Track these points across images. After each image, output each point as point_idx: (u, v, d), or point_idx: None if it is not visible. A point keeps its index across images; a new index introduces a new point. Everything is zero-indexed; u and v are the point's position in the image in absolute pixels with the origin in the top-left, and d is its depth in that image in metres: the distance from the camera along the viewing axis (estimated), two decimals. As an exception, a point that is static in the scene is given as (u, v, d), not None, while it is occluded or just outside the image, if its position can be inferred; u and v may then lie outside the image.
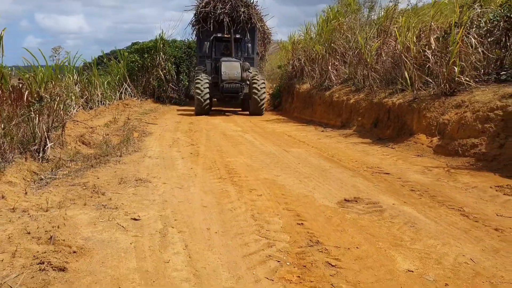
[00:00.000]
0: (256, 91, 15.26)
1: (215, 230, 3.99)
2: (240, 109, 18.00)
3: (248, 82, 15.67)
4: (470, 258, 3.43)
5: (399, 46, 9.82)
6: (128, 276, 3.07)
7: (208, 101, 14.96)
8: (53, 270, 3.02)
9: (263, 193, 5.12)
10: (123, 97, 17.45)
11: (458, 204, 4.69)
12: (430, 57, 8.59)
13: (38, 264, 3.05)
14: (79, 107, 12.01)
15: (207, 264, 3.30)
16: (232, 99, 16.05)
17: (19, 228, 3.65)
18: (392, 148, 8.19)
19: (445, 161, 6.74)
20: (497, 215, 4.38)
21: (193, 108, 15.81)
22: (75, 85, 13.26)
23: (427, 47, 8.78)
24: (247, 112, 16.67)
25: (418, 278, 3.10)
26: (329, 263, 3.32)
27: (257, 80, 15.39)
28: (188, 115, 15.33)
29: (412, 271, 3.20)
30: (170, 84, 20.69)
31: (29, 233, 3.55)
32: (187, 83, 22.82)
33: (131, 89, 18.73)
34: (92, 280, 2.99)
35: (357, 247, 3.62)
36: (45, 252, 3.24)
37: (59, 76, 8.40)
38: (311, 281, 3.06)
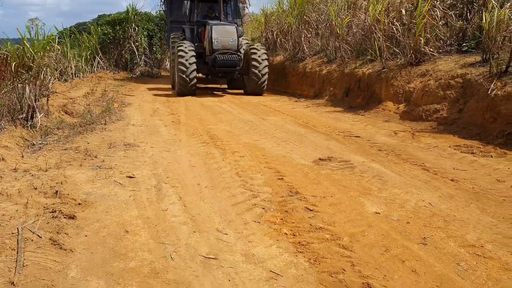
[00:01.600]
0: (256, 64, 12.21)
1: (205, 185, 4.41)
2: (226, 86, 14.94)
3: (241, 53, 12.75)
4: (428, 202, 3.97)
5: (369, 19, 10.27)
6: (131, 222, 3.47)
7: (195, 79, 11.97)
8: (64, 217, 3.39)
9: (245, 155, 5.55)
10: (95, 70, 17.43)
11: (420, 161, 5.25)
12: (399, 29, 9.09)
13: (50, 212, 3.41)
14: (54, 79, 12.06)
15: (201, 212, 3.73)
16: (226, 75, 12.85)
17: (25, 184, 3.98)
18: (362, 115, 8.73)
19: (410, 126, 7.32)
20: (453, 168, 4.96)
21: (169, 82, 14.91)
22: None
23: (395, 19, 9.27)
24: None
25: (384, 218, 3.62)
26: (308, 208, 3.80)
27: (257, 49, 12.41)
28: (165, 89, 15.28)
29: (379, 213, 3.72)
30: (143, 57, 20.69)
31: (35, 188, 3.89)
32: (159, 56, 22.80)
33: (103, 62, 18.68)
34: (100, 225, 3.38)
35: (331, 196, 4.11)
36: (53, 204, 3.60)
37: (47, 47, 8.50)
38: (293, 222, 3.53)
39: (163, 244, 3.12)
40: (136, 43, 20.03)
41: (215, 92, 14.01)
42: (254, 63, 12.27)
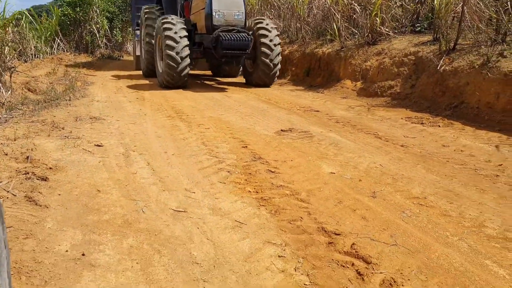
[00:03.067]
0: (267, 51, 9.29)
1: (172, 153, 4.62)
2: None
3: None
4: (379, 164, 4.32)
5: (328, 0, 10.60)
6: (103, 183, 3.66)
7: (188, 67, 9.00)
8: (37, 179, 3.54)
9: (210, 127, 5.77)
10: (55, 52, 17.08)
11: (374, 130, 5.63)
12: (357, 10, 9.46)
13: (23, 174, 3.55)
14: (14, 58, 11.82)
15: (169, 175, 3.95)
16: (232, 61, 9.88)
17: (-5, 151, 4.08)
18: (322, 93, 9.09)
19: (366, 101, 7.73)
20: (404, 136, 5.36)
21: (131, 64, 14.43)
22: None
23: (353, 0, 9.63)
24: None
25: (339, 177, 3.95)
26: (270, 170, 4.08)
27: (267, 29, 9.43)
28: (127, 69, 15.18)
29: (334, 173, 4.05)
30: (104, 40, 20.39)
31: (6, 154, 3.99)
32: (120, 39, 22.50)
33: (63, 43, 18.31)
34: (72, 186, 3.55)
35: (291, 160, 4.40)
36: (25, 168, 3.73)
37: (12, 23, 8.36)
38: (256, 182, 3.81)
39: (134, 201, 3.33)
40: (97, 25, 19.72)
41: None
42: (264, 49, 9.28)
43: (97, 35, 19.73)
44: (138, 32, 13.50)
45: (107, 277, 2.32)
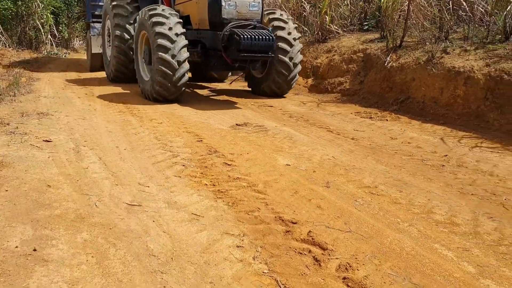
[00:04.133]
0: (286, 47, 7.51)
1: (124, 147, 4.52)
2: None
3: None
4: (332, 156, 4.43)
5: (279, -2, 10.73)
6: (53, 178, 3.53)
7: (186, 74, 6.90)
8: (-19, 176, 3.36)
9: (163, 121, 5.69)
10: (-6, 48, 16.27)
11: (325, 124, 5.76)
12: (306, 8, 9.63)
13: (-34, 171, 3.37)
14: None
15: (122, 169, 3.87)
16: (248, 66, 7.35)
17: None
18: (274, 89, 9.17)
19: (318, 97, 7.91)
20: (354, 130, 5.52)
21: (81, 63, 14.24)
22: None
23: (304, -2, 9.81)
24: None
25: (294, 169, 4.01)
26: (226, 163, 4.09)
27: (282, 19, 7.74)
28: (75, 65, 14.66)
29: (289, 165, 4.11)
30: (49, 36, 19.60)
31: None
32: (67, 35, 21.72)
33: (5, 38, 17.45)
34: (21, 182, 3.40)
35: (247, 153, 4.43)
36: (-32, 164, 3.54)
37: None
38: (212, 175, 3.80)
39: (87, 195, 3.24)
40: (41, 20, 18.91)
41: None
42: (281, 44, 7.45)
43: (42, 31, 18.92)
44: (96, 25, 11.59)
45: (61, 272, 2.25)
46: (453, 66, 6.19)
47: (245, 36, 6.42)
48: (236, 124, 5.65)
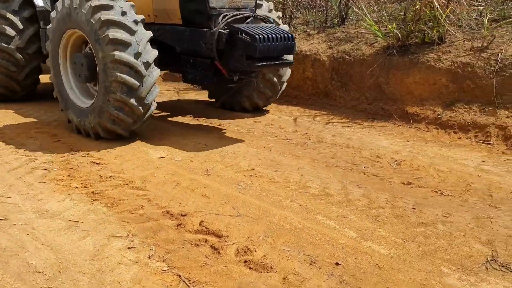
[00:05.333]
0: None
1: (-33, 156, 3.90)
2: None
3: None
4: (204, 144, 4.43)
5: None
6: None
7: (154, 101, 4.40)
8: None
9: (9, 122, 5.05)
10: None
11: (190, 113, 5.73)
12: None
13: None
14: None
15: (-30, 182, 3.34)
16: (248, 79, 5.19)
17: None
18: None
19: (173, 85, 7.73)
20: (218, 117, 5.59)
21: None
22: None
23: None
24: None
25: (169, 160, 3.92)
26: (94, 162, 3.81)
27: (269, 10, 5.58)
28: None
29: (164, 157, 4.00)
30: None
31: None
32: None
33: None
34: None
35: (114, 149, 4.17)
36: None
37: None
38: (81, 177, 3.51)
39: None
40: None
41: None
42: None
43: None
44: None
45: None
46: (301, 50, 6.63)
47: (261, 37, 4.23)
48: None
